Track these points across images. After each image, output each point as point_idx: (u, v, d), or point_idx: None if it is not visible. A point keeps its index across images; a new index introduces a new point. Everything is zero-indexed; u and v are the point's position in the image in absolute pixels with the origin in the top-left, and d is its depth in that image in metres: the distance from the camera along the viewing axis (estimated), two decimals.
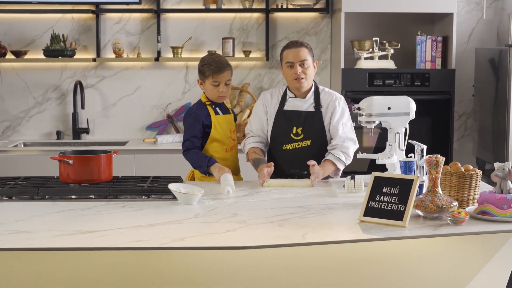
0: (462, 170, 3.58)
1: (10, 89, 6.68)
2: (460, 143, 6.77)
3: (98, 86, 6.72)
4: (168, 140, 6.39)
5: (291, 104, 4.46)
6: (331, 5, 6.60)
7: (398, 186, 3.32)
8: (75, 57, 6.58)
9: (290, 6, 6.56)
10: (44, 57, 6.54)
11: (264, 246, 2.99)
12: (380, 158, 4.18)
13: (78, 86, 6.57)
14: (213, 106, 4.50)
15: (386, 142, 4.21)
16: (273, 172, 4.27)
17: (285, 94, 4.50)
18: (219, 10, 6.55)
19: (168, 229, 3.21)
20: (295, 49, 4.36)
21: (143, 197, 3.86)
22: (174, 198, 3.77)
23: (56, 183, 4.03)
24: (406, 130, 4.20)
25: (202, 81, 4.47)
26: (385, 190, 3.35)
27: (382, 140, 4.23)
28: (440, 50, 6.24)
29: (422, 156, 3.86)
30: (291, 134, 4.43)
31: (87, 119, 6.68)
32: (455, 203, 3.36)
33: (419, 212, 3.39)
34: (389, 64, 6.28)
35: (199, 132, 4.41)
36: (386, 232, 3.15)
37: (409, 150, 4.09)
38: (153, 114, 6.76)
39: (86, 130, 6.67)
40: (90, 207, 3.64)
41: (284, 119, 4.46)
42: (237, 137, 4.65)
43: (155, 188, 3.93)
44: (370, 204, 3.35)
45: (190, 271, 3.25)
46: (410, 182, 3.31)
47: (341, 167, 4.37)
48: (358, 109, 4.19)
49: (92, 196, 3.86)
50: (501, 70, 5.90)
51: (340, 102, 4.46)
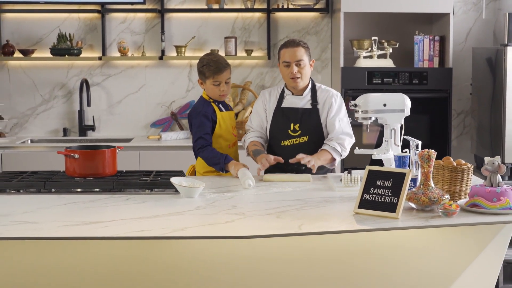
0: (454, 164, 3.68)
1: (17, 87, 6.75)
2: (458, 141, 6.83)
3: (103, 84, 6.78)
4: (172, 137, 6.45)
5: (289, 101, 4.56)
6: (331, 5, 6.63)
7: (391, 179, 3.42)
8: (81, 55, 6.63)
9: (291, 6, 6.59)
10: (51, 55, 6.60)
11: (261, 236, 3.09)
12: (376, 153, 4.25)
13: (84, 84, 6.63)
14: (216, 103, 4.59)
15: (383, 138, 4.28)
16: (272, 167, 4.37)
17: (283, 91, 4.60)
18: (222, 10, 6.60)
19: (169, 220, 3.30)
20: (292, 48, 4.45)
21: (146, 190, 3.95)
22: (176, 191, 3.86)
23: (62, 177, 4.12)
24: (401, 126, 4.26)
25: (203, 81, 4.55)
26: (378, 183, 3.43)
27: (382, 138, 4.30)
28: (437, 49, 6.28)
29: (417, 151, 3.91)
30: (289, 131, 4.52)
31: (93, 117, 6.74)
32: (447, 196, 3.45)
33: (412, 204, 3.48)
34: (387, 63, 6.31)
35: (210, 129, 4.49)
36: (380, 223, 3.24)
37: (405, 146, 4.16)
38: (157, 111, 6.82)
39: (92, 127, 6.73)
40: (95, 200, 3.73)
41: (282, 116, 4.55)
42: (237, 133, 4.72)
43: (158, 182, 4.02)
44: (364, 196, 3.43)
45: (190, 260, 3.35)
46: (403, 175, 3.40)
47: (336, 157, 4.44)
48: (355, 105, 4.25)
49: (96, 189, 3.95)
50: (497, 69, 5.94)
51: (336, 99, 4.54)
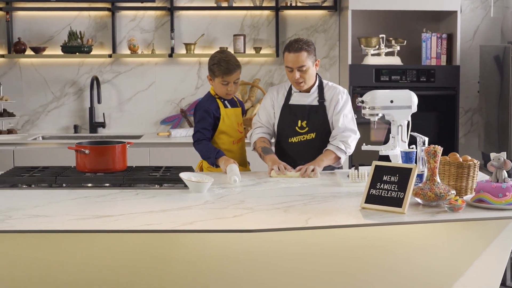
0: (460, 160, 3.70)
1: (29, 84, 6.79)
2: (466, 138, 6.84)
3: (114, 81, 6.81)
4: (181, 134, 6.49)
5: (296, 98, 4.57)
6: (339, 3, 6.65)
7: (397, 175, 3.43)
8: (92, 53, 6.67)
9: (299, 4, 6.62)
10: (62, 53, 6.64)
11: (269, 230, 3.13)
12: (383, 150, 4.27)
13: (95, 82, 6.66)
14: (222, 100, 4.61)
15: (390, 135, 4.29)
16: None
17: (290, 88, 4.60)
18: (231, 7, 6.62)
19: (178, 214, 3.34)
20: (294, 54, 4.41)
21: (156, 185, 3.98)
22: (186, 186, 3.89)
23: (73, 172, 4.15)
24: (408, 123, 4.27)
25: (212, 78, 4.57)
26: (385, 178, 3.45)
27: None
28: (445, 47, 6.29)
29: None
30: (296, 128, 4.53)
31: (103, 114, 6.77)
32: (453, 192, 3.47)
33: (418, 200, 3.50)
34: (395, 60, 6.32)
35: (210, 125, 4.53)
36: (386, 218, 3.26)
37: (412, 142, 4.17)
38: (167, 108, 6.84)
39: (103, 124, 6.77)
40: (105, 195, 3.77)
41: (289, 113, 4.56)
42: (244, 130, 4.75)
43: (168, 177, 4.05)
44: (371, 191, 3.46)
45: (198, 254, 3.38)
46: (409, 171, 3.42)
47: (341, 156, 4.44)
48: (362, 102, 4.26)
49: (107, 184, 3.98)
50: (505, 66, 5.94)
51: (343, 95, 4.55)
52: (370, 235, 3.45)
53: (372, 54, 6.34)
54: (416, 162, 3.94)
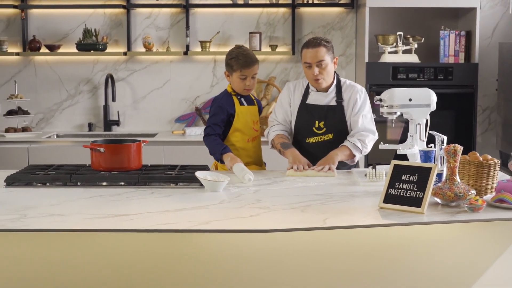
0: (481, 159, 3.64)
1: (44, 82, 6.79)
2: (483, 137, 6.79)
3: (128, 79, 6.80)
4: (196, 132, 6.45)
5: (313, 98, 4.50)
6: (356, 0, 6.62)
7: (416, 174, 3.38)
8: (107, 51, 6.67)
9: (316, 1, 6.59)
10: (76, 51, 6.64)
11: (286, 230, 3.08)
12: (401, 149, 4.22)
13: (109, 79, 6.65)
14: (238, 97, 4.57)
15: (408, 133, 4.25)
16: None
17: (307, 87, 4.54)
18: (246, 5, 6.59)
19: (194, 213, 3.30)
20: (313, 49, 4.35)
21: (171, 184, 3.95)
22: (201, 185, 3.86)
23: (87, 171, 4.12)
24: (427, 121, 4.22)
25: (229, 73, 4.53)
26: (404, 177, 3.40)
27: (407, 133, 4.27)
28: (463, 45, 6.25)
29: (442, 146, 3.90)
30: (314, 128, 4.48)
31: (118, 112, 6.77)
32: (473, 191, 3.41)
33: (438, 199, 3.45)
34: (412, 58, 6.28)
35: (222, 121, 4.49)
36: (405, 218, 3.21)
37: (430, 141, 4.13)
38: (181, 106, 6.83)
39: (117, 122, 6.76)
40: (120, 193, 3.73)
41: (306, 113, 4.50)
42: (260, 128, 4.70)
43: (183, 175, 4.01)
44: (389, 191, 3.41)
45: (214, 253, 3.34)
46: (428, 170, 3.37)
47: (356, 153, 4.40)
48: (380, 100, 4.21)
49: (122, 183, 3.95)
50: None
51: (361, 95, 4.49)
52: (389, 235, 3.40)
53: (389, 52, 6.31)
54: (434, 162, 3.88)
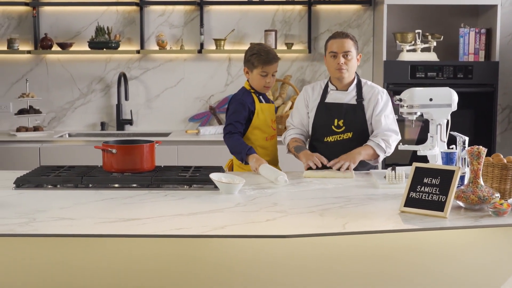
0: (505, 161, 3.53)
1: (56, 80, 6.75)
2: (503, 137, 6.69)
3: (141, 78, 6.76)
4: (210, 131, 6.39)
5: (333, 96, 4.45)
6: None
7: (439, 177, 3.29)
8: (119, 49, 6.63)
9: None
10: (89, 49, 6.60)
11: (304, 235, 2.99)
12: (421, 150, 4.14)
13: (122, 78, 6.62)
14: (257, 94, 4.53)
15: (428, 134, 4.17)
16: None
17: (326, 86, 4.50)
18: (262, 2, 6.54)
19: (209, 217, 3.22)
20: (340, 39, 4.35)
21: (185, 186, 3.88)
22: (216, 187, 3.78)
23: (99, 172, 4.06)
24: (448, 121, 4.16)
25: (250, 70, 4.48)
26: (426, 180, 3.32)
27: (424, 133, 4.19)
28: (483, 43, 6.17)
29: (464, 147, 3.84)
30: (333, 126, 4.42)
31: (131, 111, 6.73)
32: (497, 195, 3.32)
33: (460, 203, 3.36)
34: (431, 56, 6.21)
35: (244, 118, 4.44)
36: (427, 222, 3.13)
37: (450, 142, 4.06)
38: (195, 105, 6.78)
39: (130, 122, 6.72)
40: (133, 196, 3.66)
41: (325, 111, 4.45)
42: (277, 128, 4.64)
43: (197, 177, 3.94)
44: (410, 194, 3.32)
45: (230, 259, 3.26)
46: (451, 173, 3.27)
47: (380, 154, 4.34)
48: (400, 100, 4.15)
49: (134, 185, 3.88)
50: None
51: (382, 95, 4.44)
52: (410, 239, 3.32)
53: (407, 50, 6.24)
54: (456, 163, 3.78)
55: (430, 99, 4.11)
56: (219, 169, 4.23)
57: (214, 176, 3.78)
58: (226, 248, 3.23)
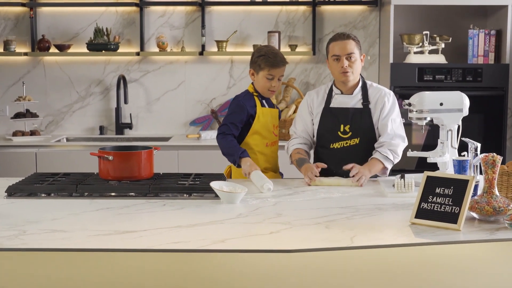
0: None
1: (53, 83, 6.68)
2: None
3: (141, 80, 6.68)
4: (212, 136, 6.29)
5: (338, 101, 4.32)
6: None
7: (452, 187, 3.16)
8: (119, 51, 6.57)
9: None
10: (87, 51, 6.54)
11: (310, 250, 2.86)
12: (431, 157, 4.02)
13: (122, 81, 6.56)
14: (260, 98, 4.41)
15: (438, 140, 4.06)
16: (320, 171, 4.15)
17: (331, 91, 4.36)
18: (265, 3, 6.48)
19: (208, 229, 3.11)
20: (342, 41, 4.22)
21: (185, 195, 3.77)
22: (217, 196, 3.67)
23: (95, 180, 3.95)
24: (458, 127, 4.05)
25: (255, 72, 4.36)
26: (438, 190, 3.19)
27: (431, 137, 4.07)
28: (493, 44, 6.09)
29: (476, 154, 3.70)
30: (339, 132, 4.28)
31: (130, 114, 6.66)
32: None
33: (474, 214, 3.22)
34: (439, 58, 6.14)
35: (240, 121, 4.32)
36: (439, 236, 3.01)
37: (460, 148, 3.96)
38: (197, 109, 6.71)
39: (129, 125, 6.65)
40: (129, 205, 3.55)
41: (330, 117, 4.32)
42: (279, 134, 4.52)
43: (197, 186, 3.83)
44: (422, 205, 3.20)
45: (231, 275, 3.11)
46: (465, 183, 3.14)
47: (388, 166, 4.22)
48: (409, 104, 4.03)
49: (132, 193, 3.77)
50: None
51: (389, 98, 4.30)
52: (422, 253, 3.17)
53: (415, 52, 6.17)
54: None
55: (441, 104, 4.00)
56: (221, 176, 4.11)
57: (214, 184, 3.66)
58: (227, 262, 3.08)
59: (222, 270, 3.07)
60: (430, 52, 6.19)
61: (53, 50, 6.57)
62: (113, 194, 3.77)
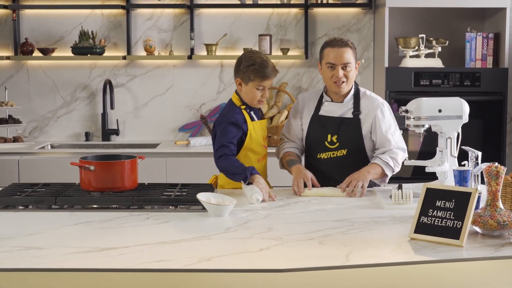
0: None
1: (37, 88, 6.59)
2: (511, 148, 6.48)
3: (128, 85, 6.59)
4: (201, 142, 6.19)
5: (327, 109, 4.17)
6: (374, 0, 6.42)
7: (453, 200, 3.01)
8: (105, 54, 6.49)
9: (331, 1, 6.39)
10: (72, 54, 6.46)
11: (302, 269, 2.69)
12: (430, 166, 3.89)
13: (108, 85, 6.47)
14: (248, 110, 4.17)
15: (436, 148, 3.93)
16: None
17: (321, 97, 4.22)
18: (256, 5, 6.40)
19: (194, 246, 2.95)
20: (339, 49, 4.04)
21: (170, 207, 3.62)
22: (204, 208, 3.51)
23: (76, 191, 3.80)
24: (458, 134, 3.92)
25: (244, 82, 4.09)
26: (438, 204, 3.04)
27: (427, 144, 3.94)
28: (491, 48, 6.01)
29: (477, 163, 3.59)
30: (326, 142, 4.14)
31: (117, 120, 6.57)
32: None
33: (477, 228, 3.08)
34: (436, 62, 6.06)
35: (236, 138, 4.08)
36: (441, 252, 2.87)
37: (460, 156, 3.85)
38: (186, 115, 6.62)
39: (116, 132, 6.56)
40: (111, 219, 3.40)
41: (319, 125, 4.17)
42: (271, 140, 4.34)
43: (183, 197, 3.69)
44: (421, 219, 3.04)
45: None
46: (468, 195, 2.99)
47: (388, 173, 4.08)
48: (406, 111, 3.90)
49: (114, 205, 3.63)
50: None
51: (384, 110, 4.15)
52: (422, 271, 3.00)
53: (410, 56, 6.10)
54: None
55: (439, 110, 3.88)
56: (209, 187, 3.95)
57: (202, 196, 3.51)
58: (213, 282, 2.90)
59: None
60: (427, 56, 6.14)
61: (36, 53, 6.49)
62: (94, 206, 3.63)
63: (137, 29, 6.53)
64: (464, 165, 3.61)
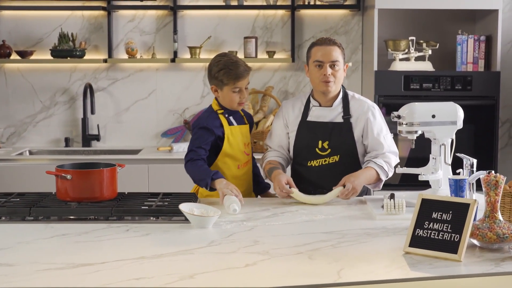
0: None
1: (15, 92, 6.47)
2: (503, 152, 6.42)
3: (109, 89, 6.49)
4: (184, 148, 6.01)
5: (316, 114, 4.04)
6: (363, 1, 6.34)
7: (450, 211, 2.88)
8: (85, 57, 6.38)
9: (318, 3, 6.30)
10: (51, 57, 6.35)
11: (291, 287, 2.53)
12: (423, 173, 3.77)
13: (88, 89, 6.37)
14: (226, 115, 4.04)
15: (430, 155, 3.80)
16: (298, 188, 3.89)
17: (308, 102, 4.08)
18: (241, 6, 6.32)
19: (176, 261, 2.79)
20: (327, 47, 3.94)
21: (151, 218, 3.47)
22: (187, 219, 3.37)
23: (52, 202, 3.66)
24: (452, 141, 3.81)
25: (219, 88, 3.98)
26: (435, 215, 2.90)
27: (417, 149, 3.83)
28: (483, 51, 5.94)
29: (472, 171, 3.47)
30: (317, 149, 4.01)
31: (98, 125, 6.46)
32: None
33: (475, 241, 2.95)
34: (426, 66, 5.99)
35: (207, 144, 3.97)
36: (438, 268, 2.73)
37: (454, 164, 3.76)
38: (169, 119, 6.51)
39: (97, 137, 6.44)
40: (88, 231, 3.24)
41: (308, 132, 4.04)
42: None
43: (165, 208, 3.54)
44: (417, 232, 2.91)
45: None
46: (466, 207, 2.85)
47: (383, 178, 3.96)
48: (398, 117, 3.77)
49: (92, 216, 3.48)
50: None
51: (374, 112, 4.03)
52: (417, 285, 2.84)
53: (400, 59, 6.03)
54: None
55: (433, 116, 3.76)
56: (192, 196, 3.80)
57: (184, 207, 3.36)
58: None
59: None
60: (417, 59, 6.07)
61: (14, 56, 6.37)
62: (71, 217, 3.47)
63: (118, 31, 6.43)
64: (459, 173, 3.49)
